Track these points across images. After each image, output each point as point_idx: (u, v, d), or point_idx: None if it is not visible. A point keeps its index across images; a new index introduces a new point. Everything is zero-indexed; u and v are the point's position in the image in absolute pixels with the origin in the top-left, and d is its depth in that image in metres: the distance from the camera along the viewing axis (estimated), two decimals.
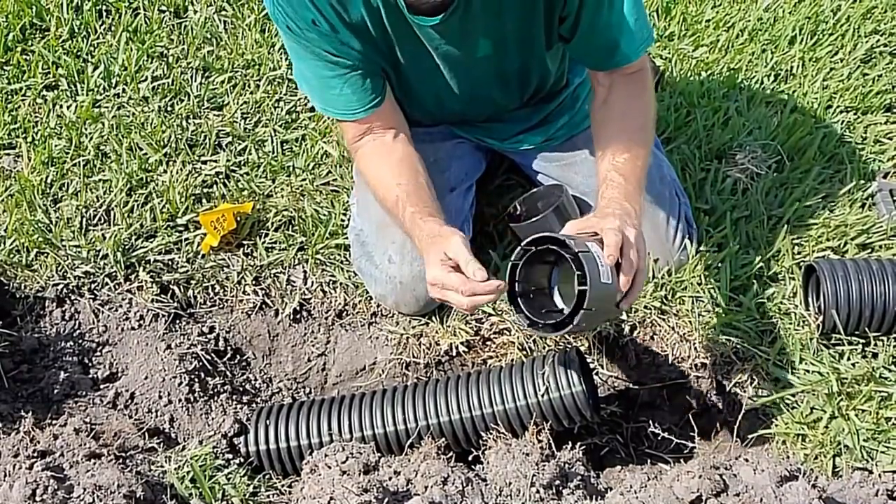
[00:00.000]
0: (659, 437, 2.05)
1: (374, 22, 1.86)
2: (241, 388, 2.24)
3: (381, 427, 1.97)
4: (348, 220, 2.38)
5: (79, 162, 2.47)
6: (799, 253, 2.34)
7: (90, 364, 2.16)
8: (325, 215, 2.41)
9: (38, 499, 1.61)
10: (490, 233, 2.39)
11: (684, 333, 2.21)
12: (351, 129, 2.08)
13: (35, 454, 1.76)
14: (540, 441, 1.89)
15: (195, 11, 2.92)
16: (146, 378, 2.12)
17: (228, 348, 2.28)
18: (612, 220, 1.71)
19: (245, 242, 2.37)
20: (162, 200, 2.39)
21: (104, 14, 2.90)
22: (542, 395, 1.91)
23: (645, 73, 2.04)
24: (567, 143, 2.32)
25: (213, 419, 2.08)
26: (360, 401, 2.03)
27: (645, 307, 2.23)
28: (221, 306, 2.31)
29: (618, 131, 1.94)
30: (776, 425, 2.09)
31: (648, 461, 2.10)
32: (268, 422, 2.02)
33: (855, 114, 2.78)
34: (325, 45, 1.88)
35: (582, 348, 2.24)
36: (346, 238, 2.35)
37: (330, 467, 1.76)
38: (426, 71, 2.01)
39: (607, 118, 1.98)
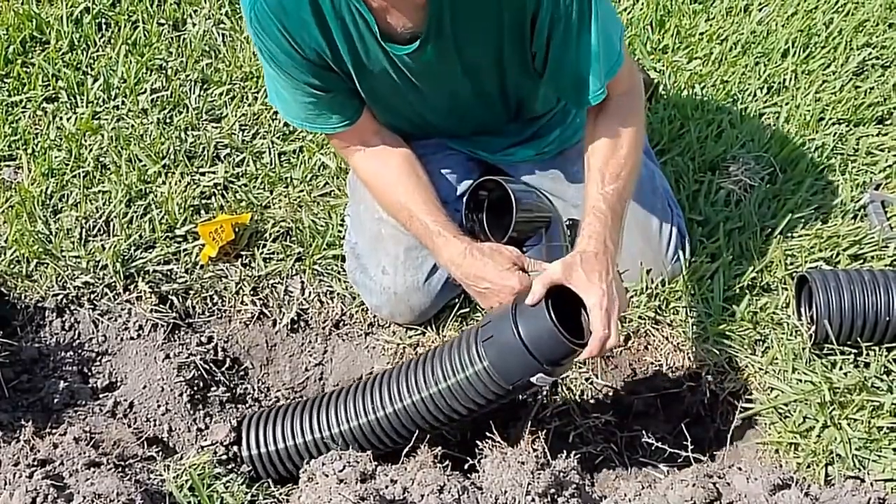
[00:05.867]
0: (653, 446, 2.06)
1: (349, 47, 1.88)
2: (239, 398, 2.25)
3: (371, 414, 1.92)
4: (345, 231, 2.40)
5: (78, 173, 2.49)
6: (791, 263, 2.36)
7: (90, 373, 2.18)
8: (322, 226, 2.43)
9: None
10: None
11: (678, 343, 2.23)
12: (338, 141, 2.14)
13: (35, 463, 1.76)
14: (535, 450, 1.90)
15: (194, 24, 2.94)
16: (145, 387, 2.13)
17: (227, 358, 2.29)
18: (596, 288, 1.76)
19: (243, 253, 2.39)
20: (161, 212, 2.41)
21: (103, 27, 2.92)
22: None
23: (633, 95, 2.05)
24: (559, 156, 2.33)
25: (211, 428, 2.09)
26: (338, 395, 2.01)
27: (639, 317, 2.25)
28: (220, 316, 2.33)
29: (607, 158, 1.96)
30: (769, 434, 2.10)
31: (643, 470, 2.11)
32: (257, 427, 2.03)
33: (847, 126, 2.80)
34: (306, 76, 1.92)
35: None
36: (343, 249, 2.37)
37: (327, 476, 1.77)
38: (405, 91, 2.03)
39: (597, 143, 1.99)
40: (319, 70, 1.92)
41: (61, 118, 2.65)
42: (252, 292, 2.34)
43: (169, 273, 2.33)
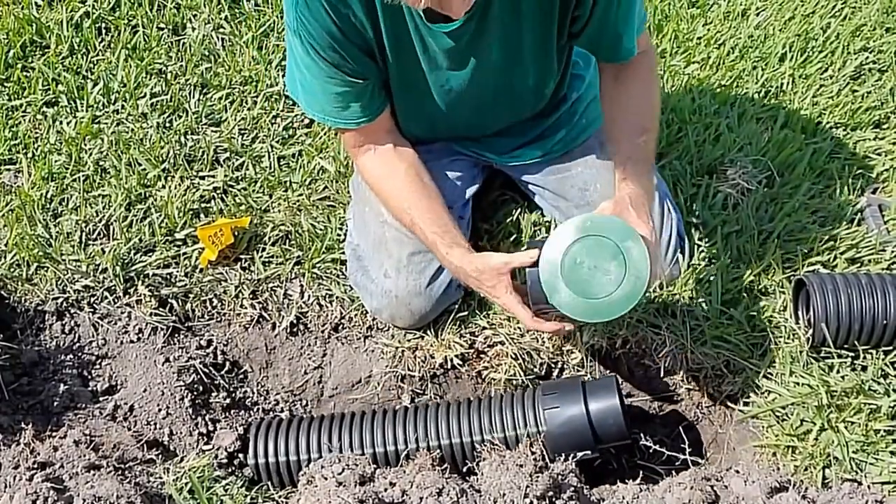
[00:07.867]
0: (651, 450, 2.07)
1: (390, 26, 1.88)
2: (238, 401, 2.26)
3: (380, 446, 2.03)
4: (344, 234, 2.40)
5: (78, 177, 2.50)
6: (789, 267, 2.37)
7: (90, 377, 2.19)
8: (321, 230, 2.44)
9: None
10: (484, 247, 2.42)
11: (676, 346, 2.24)
12: (352, 138, 2.13)
13: (35, 466, 1.77)
14: (533, 453, 1.91)
15: (193, 29, 2.95)
16: (145, 390, 2.14)
17: (226, 361, 2.30)
18: (647, 226, 1.90)
19: (242, 256, 2.39)
20: (160, 215, 2.42)
21: (103, 31, 2.92)
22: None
23: (650, 54, 2.12)
24: (564, 156, 2.34)
25: (211, 431, 2.10)
26: (362, 420, 2.08)
27: (637, 321, 2.26)
28: (219, 320, 2.34)
29: (638, 111, 2.06)
30: (766, 437, 2.11)
31: (640, 473, 2.12)
32: (267, 436, 2.05)
33: (844, 130, 2.81)
34: (345, 61, 1.91)
35: (574, 361, 2.27)
36: (343, 252, 2.38)
37: (326, 479, 1.78)
38: (432, 79, 2.03)
39: (625, 98, 2.07)
40: (359, 53, 1.91)
41: (61, 122, 2.66)
42: (251, 296, 2.35)
43: (168, 277, 2.34)
